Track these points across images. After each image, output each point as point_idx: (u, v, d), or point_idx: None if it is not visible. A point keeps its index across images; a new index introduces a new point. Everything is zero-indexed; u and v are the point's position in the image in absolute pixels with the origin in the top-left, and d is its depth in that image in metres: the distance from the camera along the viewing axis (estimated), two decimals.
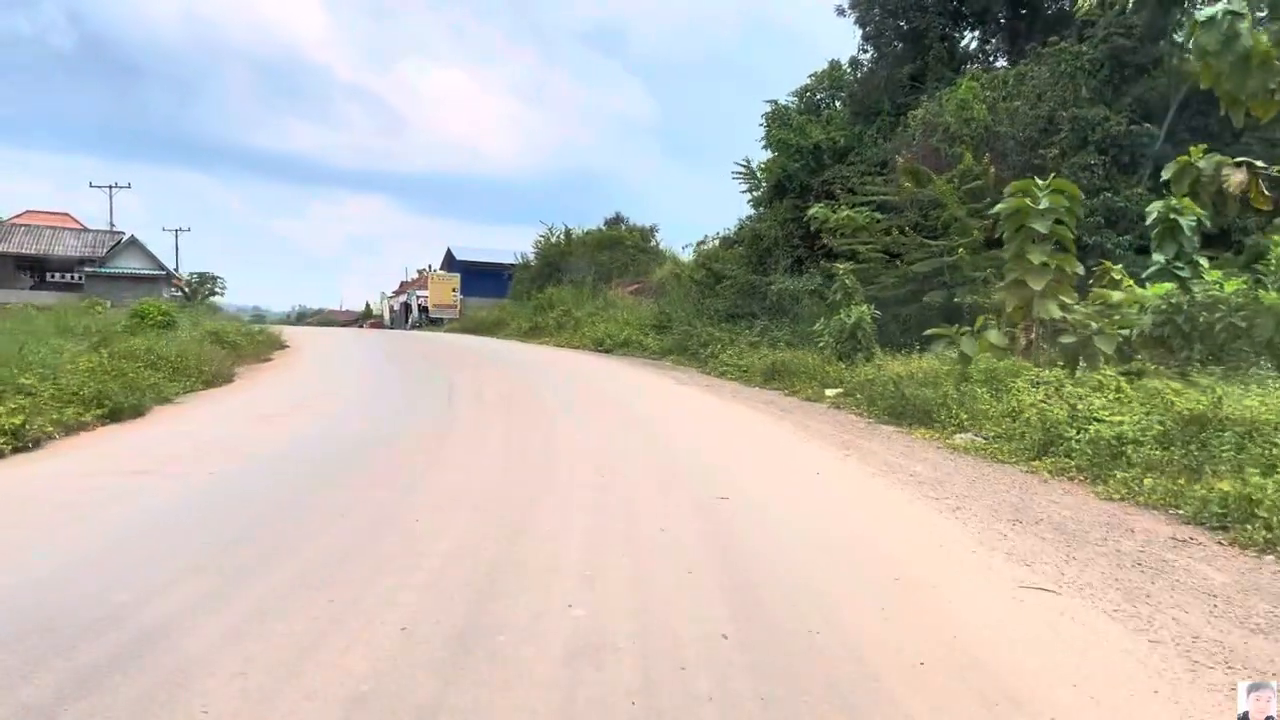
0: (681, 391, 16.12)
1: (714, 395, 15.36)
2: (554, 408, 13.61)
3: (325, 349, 26.16)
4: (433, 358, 23.62)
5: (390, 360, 22.58)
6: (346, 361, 22.45)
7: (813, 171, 26.61)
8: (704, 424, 12.57)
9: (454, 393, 14.99)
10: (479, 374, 18.14)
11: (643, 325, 29.75)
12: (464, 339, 38.05)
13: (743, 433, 11.76)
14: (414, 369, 20.21)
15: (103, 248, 44.95)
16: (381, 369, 20.21)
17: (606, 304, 38.15)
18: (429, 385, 16.23)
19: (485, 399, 14.26)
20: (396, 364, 21.44)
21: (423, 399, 14.25)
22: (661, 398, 15.22)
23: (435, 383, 16.49)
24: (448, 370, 19.11)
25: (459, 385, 16.06)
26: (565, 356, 26.00)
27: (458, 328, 51.30)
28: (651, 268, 47.07)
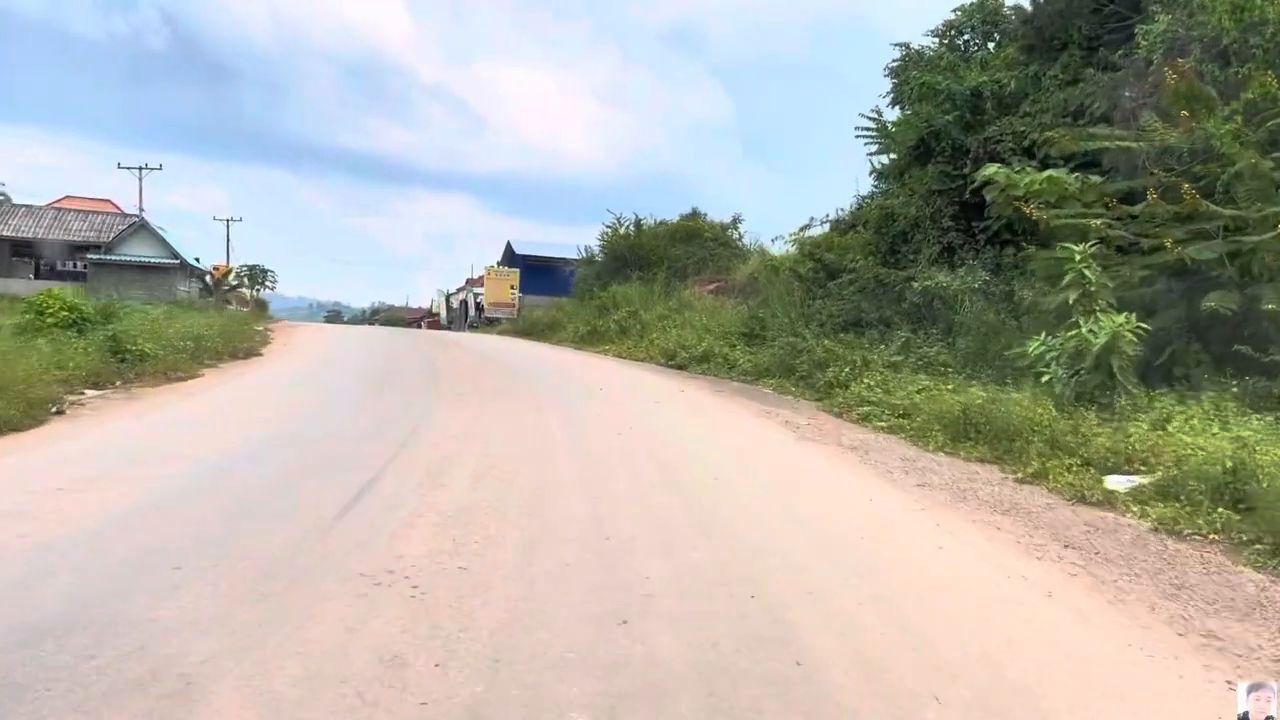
0: (815, 464, 9.11)
1: (882, 477, 8.37)
2: (594, 517, 6.94)
3: (308, 358, 19.93)
4: (441, 373, 17.17)
5: (365, 384, 16.18)
6: (295, 386, 16.13)
7: (968, 127, 19.42)
8: (931, 607, 5.61)
9: (399, 472, 8.42)
10: (482, 413, 11.62)
11: (728, 333, 22.90)
12: (509, 345, 31.67)
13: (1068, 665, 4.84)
14: (383, 403, 13.76)
15: (109, 232, 40.03)
16: (335, 400, 13.81)
17: (681, 305, 31.39)
18: (370, 445, 9.71)
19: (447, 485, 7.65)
20: (369, 388, 15.00)
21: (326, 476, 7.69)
22: (789, 482, 8.30)
23: (394, 431, 9.97)
24: (439, 400, 12.64)
25: (426, 444, 9.50)
26: (626, 376, 19.28)
27: (510, 329, 45.13)
28: (733, 264, 40.45)
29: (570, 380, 16.89)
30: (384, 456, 7.86)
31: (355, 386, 14.04)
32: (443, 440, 9.01)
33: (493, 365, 19.60)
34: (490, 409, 11.79)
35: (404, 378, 15.90)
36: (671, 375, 19.23)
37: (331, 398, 12.38)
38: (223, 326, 22.42)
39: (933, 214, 19.23)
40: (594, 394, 14.35)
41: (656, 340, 25.76)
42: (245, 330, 24.56)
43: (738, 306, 26.69)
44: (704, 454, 9.04)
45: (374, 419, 10.42)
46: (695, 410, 13.03)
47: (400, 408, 11.56)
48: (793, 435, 10.61)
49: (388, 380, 15.31)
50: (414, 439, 9.00)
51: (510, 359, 22.01)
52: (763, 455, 9.26)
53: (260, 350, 20.10)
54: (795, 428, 11.25)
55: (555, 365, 21.12)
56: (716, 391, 15.70)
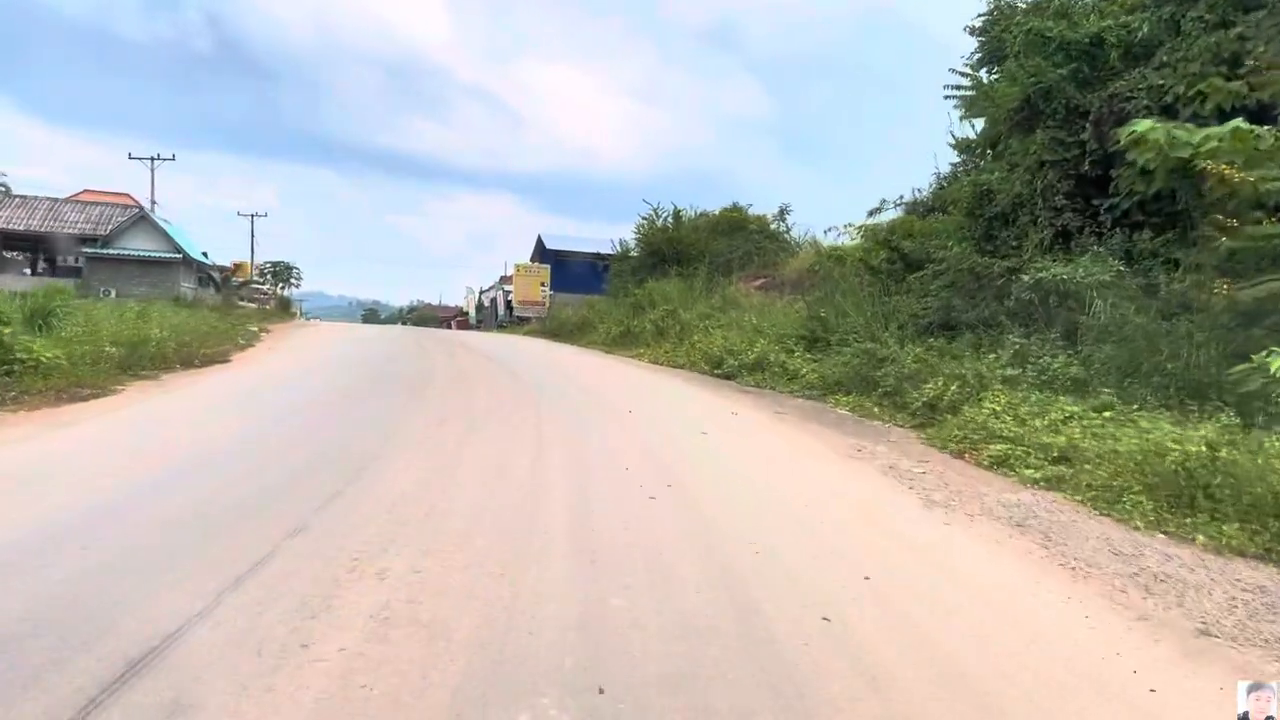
0: (983, 569, 5.38)
1: (1109, 600, 4.84)
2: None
3: (282, 367, 16.72)
4: (432, 386, 13.84)
5: (326, 404, 12.94)
6: (231, 408, 12.88)
7: (1085, 83, 15.73)
8: None
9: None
10: (458, 453, 8.29)
11: (783, 336, 19.39)
12: (531, 347, 28.36)
13: None
14: (330, 435, 10.45)
15: (106, 225, 37.33)
16: (268, 431, 10.51)
17: (726, 303, 27.93)
18: (248, 526, 6.38)
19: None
20: (326, 411, 11.73)
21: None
22: (961, 625, 4.68)
23: (311, 490, 6.65)
24: (409, 430, 9.32)
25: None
26: (663, 390, 15.84)
27: (539, 329, 41.88)
28: (781, 258, 36.92)
29: (592, 397, 13.48)
30: (246, 559, 4.51)
31: (311, 408, 10.74)
32: (374, 512, 5.65)
33: (501, 375, 16.25)
34: (472, 445, 8.40)
35: (384, 393, 12.60)
36: (718, 388, 15.73)
37: (265, 427, 9.07)
38: (195, 327, 19.35)
39: (1042, 190, 15.55)
40: (620, 418, 10.92)
41: (699, 344, 22.31)
42: (225, 332, 21.51)
43: (793, 304, 23.13)
44: (790, 546, 5.55)
45: (300, 464, 7.10)
46: (759, 448, 9.54)
47: (349, 443, 8.23)
48: (913, 496, 7.07)
49: (360, 398, 12.01)
50: (328, 510, 5.65)
51: (526, 366, 18.66)
52: (885, 549, 5.74)
53: (230, 357, 16.94)
54: (910, 480, 7.72)
55: (577, 375, 17.70)
56: (779, 414, 12.18)
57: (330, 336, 28.06)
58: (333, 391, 12.43)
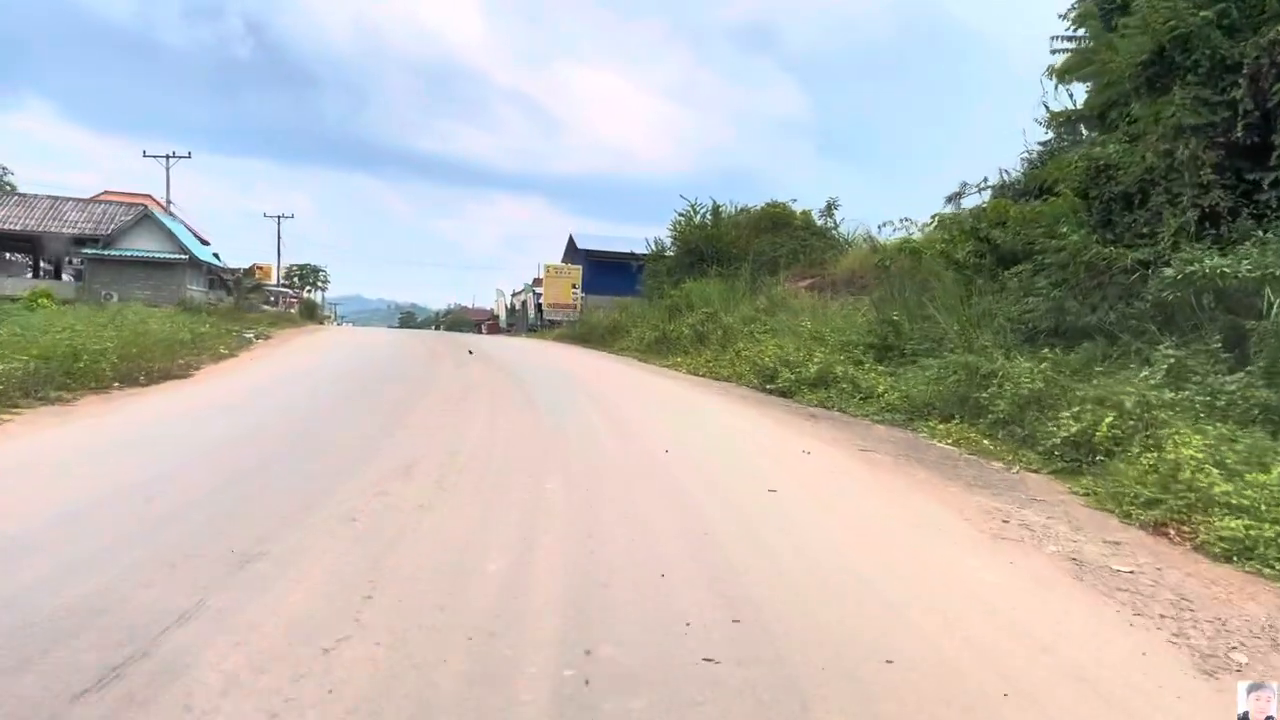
0: None
1: None
2: None
3: (253, 382, 14.07)
4: (416, 411, 11.06)
5: (253, 444, 10.20)
6: (121, 452, 10.16)
7: (1235, 30, 12.67)
8: None
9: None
10: (388, 553, 5.45)
11: (847, 344, 16.43)
12: (556, 355, 25.61)
13: None
14: (203, 521, 7.68)
15: (109, 224, 35.07)
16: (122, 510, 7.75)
17: (773, 305, 25.02)
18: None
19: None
20: (245, 463, 8.98)
21: None
22: None
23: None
24: (339, 494, 6.51)
25: None
26: (708, 415, 13.00)
27: (568, 333, 39.14)
28: (828, 257, 34.02)
29: (620, 427, 10.59)
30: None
31: (230, 449, 7.99)
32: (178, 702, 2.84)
33: (511, 394, 13.44)
34: (429, 527, 5.58)
35: (349, 421, 9.84)
36: (775, 410, 12.78)
37: (144, 484, 6.31)
38: (168, 335, 16.80)
39: (1183, 163, 12.45)
40: (654, 463, 8.02)
41: (745, 352, 19.40)
42: (207, 340, 18.98)
43: (853, 307, 20.15)
44: None
45: (136, 562, 4.32)
46: (857, 516, 6.59)
47: (233, 521, 5.45)
48: (1156, 637, 4.13)
49: (311, 431, 9.26)
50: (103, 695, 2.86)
51: (543, 380, 15.86)
52: None
53: (197, 370, 14.34)
54: (1119, 589, 4.77)
55: (603, 392, 14.86)
56: (864, 451, 9.21)
57: (339, 343, 25.50)
58: (284, 417, 9.67)
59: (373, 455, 7.53)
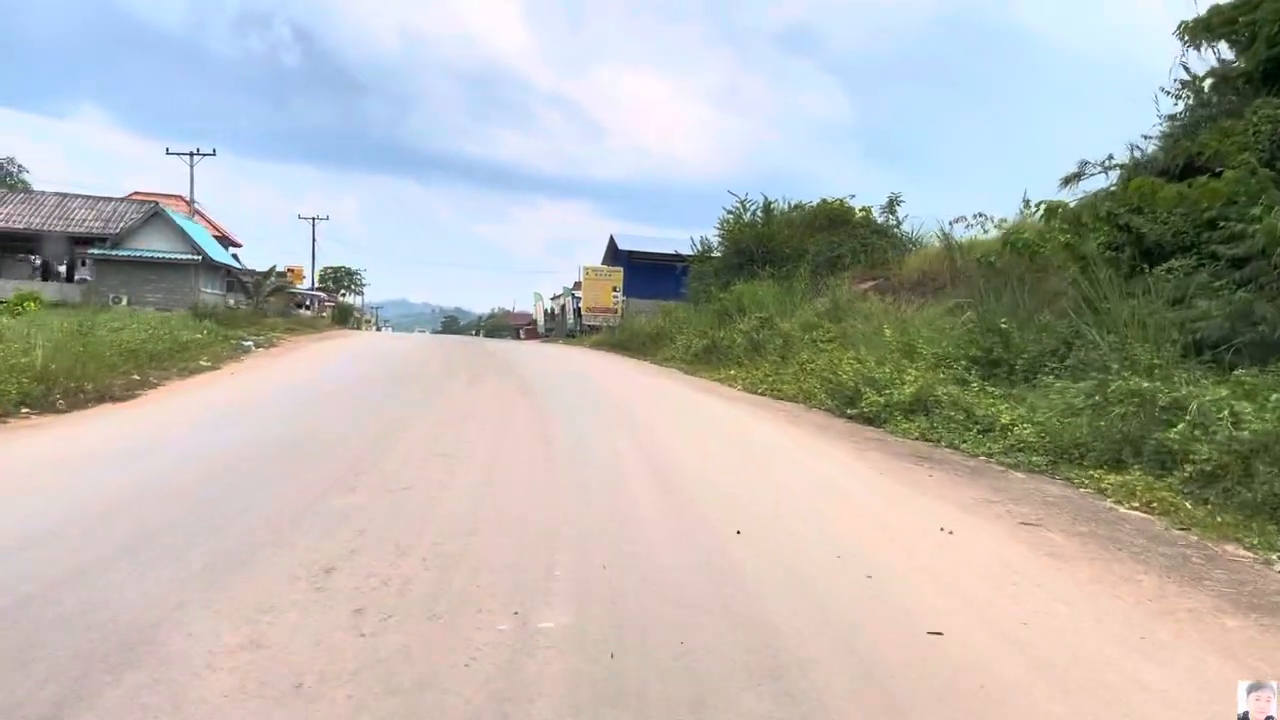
0: None
1: None
2: None
3: (214, 402, 11.44)
4: (389, 456, 8.24)
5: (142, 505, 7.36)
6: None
7: None
8: None
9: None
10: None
11: (941, 357, 13.42)
12: (590, 365, 22.83)
13: None
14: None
15: (117, 222, 32.87)
16: None
17: (837, 309, 22.01)
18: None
19: None
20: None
21: None
22: None
23: None
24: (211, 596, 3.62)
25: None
26: (781, 457, 10.09)
27: (606, 340, 36.38)
28: (892, 256, 31.01)
29: (663, 480, 7.69)
30: None
31: (121, 512, 5.28)
32: None
33: (526, 424, 10.62)
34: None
35: (301, 464, 7.10)
36: (873, 448, 9.76)
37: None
38: (124, 344, 14.31)
39: None
40: (720, 569, 5.11)
41: (811, 365, 16.45)
42: (192, 347, 16.50)
43: (950, 312, 17.07)
44: None
45: None
46: (1096, 686, 3.65)
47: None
48: None
49: (250, 474, 6.53)
50: None
51: (571, 402, 13.06)
52: None
53: (144, 391, 11.76)
54: None
55: (644, 419, 12.00)
56: (1027, 525, 6.22)
57: (350, 353, 22.97)
58: (174, 479, 6.91)
59: (259, 562, 4.72)
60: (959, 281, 21.75)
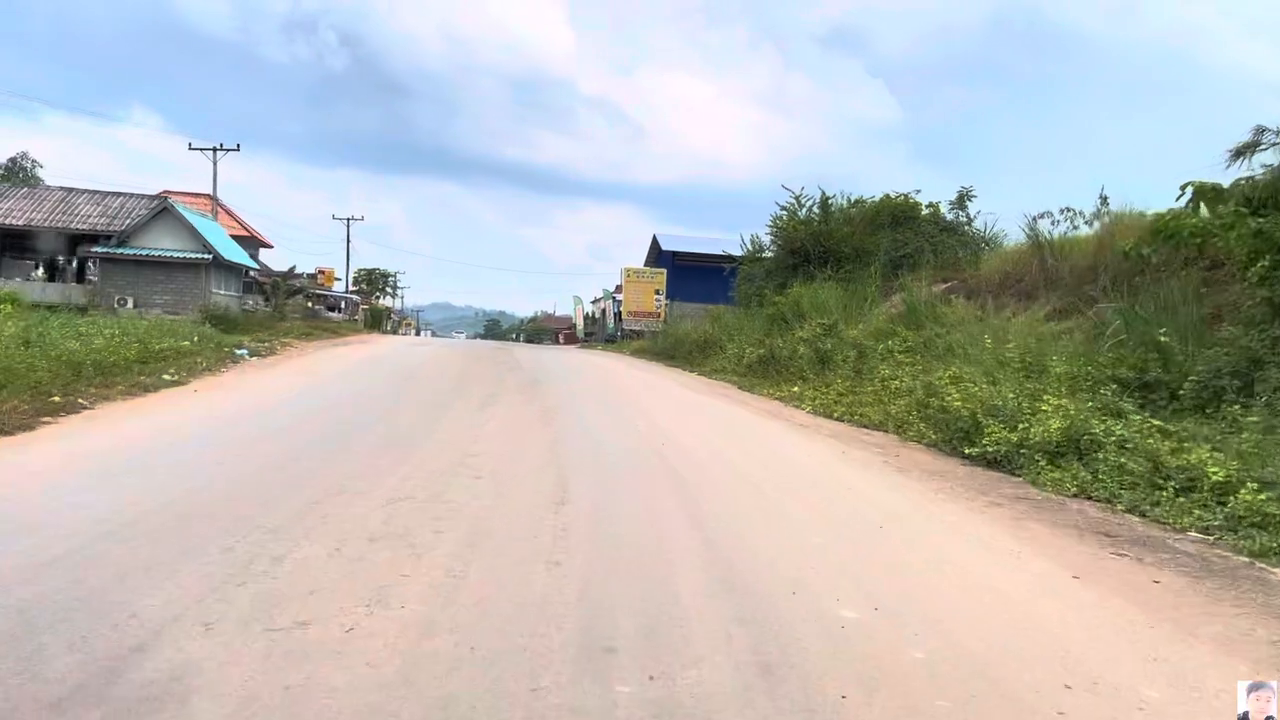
0: None
1: None
2: None
3: (139, 437, 8.76)
4: (294, 550, 5.47)
5: None
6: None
7: None
8: None
9: None
10: None
11: (1074, 378, 10.43)
12: (629, 378, 20.07)
13: None
14: None
15: (124, 218, 30.67)
16: None
17: (917, 315, 19.04)
18: None
19: None
20: None
21: None
22: None
23: None
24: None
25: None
26: (900, 534, 7.10)
27: (648, 348, 33.55)
28: (963, 255, 28.01)
29: (735, 601, 4.89)
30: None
31: None
32: None
33: (536, 469, 7.87)
34: None
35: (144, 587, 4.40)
36: (1031, 519, 6.76)
37: None
38: (75, 353, 11.85)
39: None
40: None
41: (895, 383, 13.56)
42: (154, 358, 14.03)
43: (1043, 317, 14.04)
44: None
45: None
46: None
47: None
48: None
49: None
50: None
51: (605, 439, 10.28)
52: None
53: (52, 420, 9.21)
54: None
55: (693, 459, 9.19)
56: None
57: (360, 364, 20.46)
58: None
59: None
60: (1052, 284, 18.76)
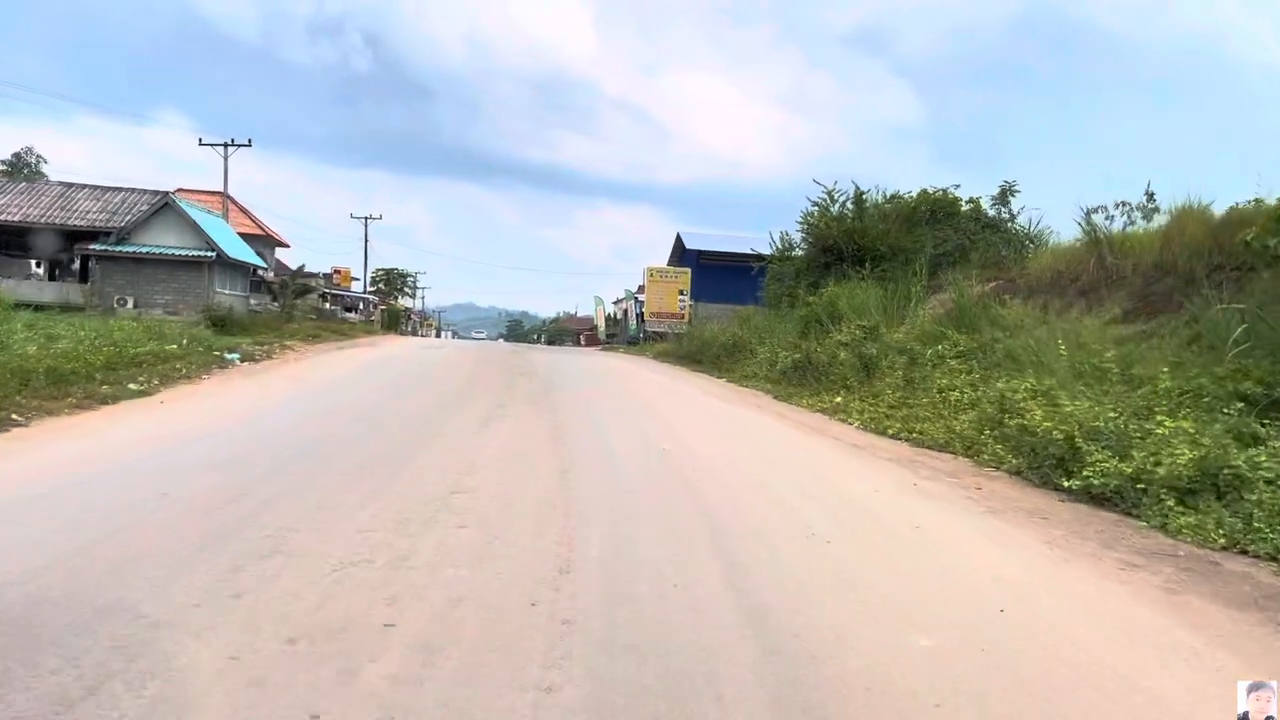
0: None
1: None
2: None
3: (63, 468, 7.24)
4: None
5: None
6: None
7: None
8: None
9: None
10: None
11: (1181, 394, 8.75)
12: (651, 385, 18.50)
13: None
14: None
15: (124, 214, 29.34)
16: None
17: (968, 317, 17.36)
18: None
19: None
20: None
21: None
22: None
23: None
24: None
25: None
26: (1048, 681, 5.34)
27: (672, 351, 31.93)
28: (1008, 254, 26.48)
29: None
30: None
31: None
32: None
33: (530, 508, 6.32)
34: None
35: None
36: (1184, 592, 5.16)
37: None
38: (31, 360, 10.43)
39: None
40: None
41: (955, 394, 11.93)
42: (120, 364, 12.63)
43: (1109, 320, 12.36)
44: None
45: None
46: None
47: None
48: None
49: None
50: None
51: (621, 471, 8.73)
52: None
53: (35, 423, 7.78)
54: None
55: (725, 512, 7.63)
56: None
57: (361, 365, 19.02)
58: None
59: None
60: (1114, 283, 17.06)
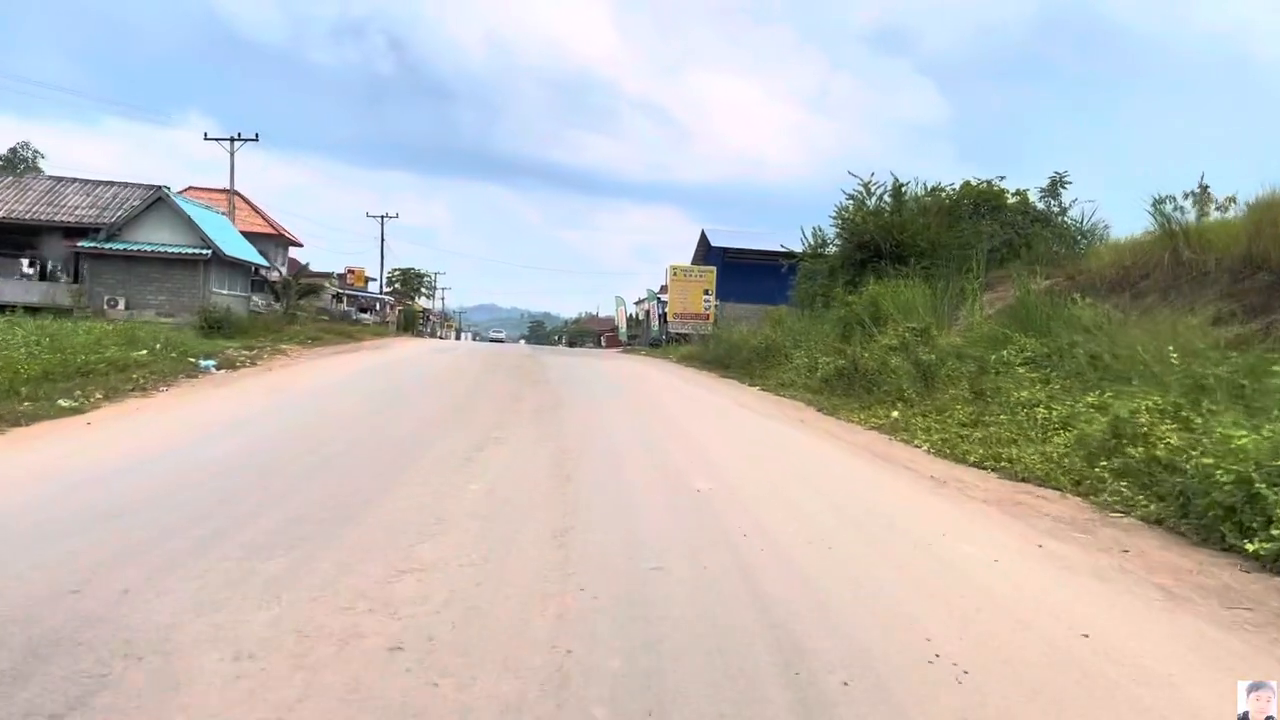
0: None
1: None
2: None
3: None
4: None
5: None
6: None
7: None
8: None
9: None
10: None
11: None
12: (677, 397, 16.60)
13: None
14: None
15: (115, 210, 27.72)
16: None
17: (1033, 318, 15.40)
18: None
19: None
20: None
21: None
22: None
23: None
24: None
25: None
26: None
27: (697, 354, 29.98)
28: (1059, 249, 24.67)
29: None
30: None
31: None
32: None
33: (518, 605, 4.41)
34: None
35: None
36: None
37: None
38: None
39: None
40: None
41: (1044, 414, 9.96)
42: (64, 374, 10.88)
43: (1207, 321, 10.35)
44: None
45: None
46: None
47: None
48: None
49: None
50: None
51: (640, 532, 6.84)
52: None
53: None
54: None
55: (798, 597, 5.66)
56: None
57: (356, 372, 17.27)
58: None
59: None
60: (1195, 280, 15.10)
